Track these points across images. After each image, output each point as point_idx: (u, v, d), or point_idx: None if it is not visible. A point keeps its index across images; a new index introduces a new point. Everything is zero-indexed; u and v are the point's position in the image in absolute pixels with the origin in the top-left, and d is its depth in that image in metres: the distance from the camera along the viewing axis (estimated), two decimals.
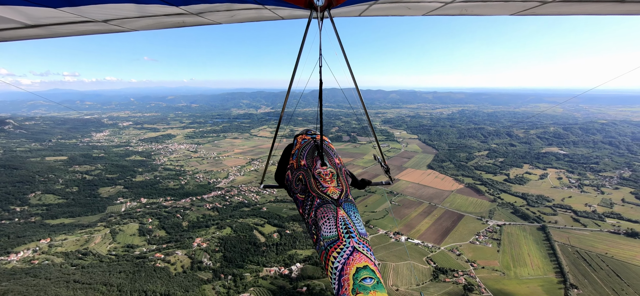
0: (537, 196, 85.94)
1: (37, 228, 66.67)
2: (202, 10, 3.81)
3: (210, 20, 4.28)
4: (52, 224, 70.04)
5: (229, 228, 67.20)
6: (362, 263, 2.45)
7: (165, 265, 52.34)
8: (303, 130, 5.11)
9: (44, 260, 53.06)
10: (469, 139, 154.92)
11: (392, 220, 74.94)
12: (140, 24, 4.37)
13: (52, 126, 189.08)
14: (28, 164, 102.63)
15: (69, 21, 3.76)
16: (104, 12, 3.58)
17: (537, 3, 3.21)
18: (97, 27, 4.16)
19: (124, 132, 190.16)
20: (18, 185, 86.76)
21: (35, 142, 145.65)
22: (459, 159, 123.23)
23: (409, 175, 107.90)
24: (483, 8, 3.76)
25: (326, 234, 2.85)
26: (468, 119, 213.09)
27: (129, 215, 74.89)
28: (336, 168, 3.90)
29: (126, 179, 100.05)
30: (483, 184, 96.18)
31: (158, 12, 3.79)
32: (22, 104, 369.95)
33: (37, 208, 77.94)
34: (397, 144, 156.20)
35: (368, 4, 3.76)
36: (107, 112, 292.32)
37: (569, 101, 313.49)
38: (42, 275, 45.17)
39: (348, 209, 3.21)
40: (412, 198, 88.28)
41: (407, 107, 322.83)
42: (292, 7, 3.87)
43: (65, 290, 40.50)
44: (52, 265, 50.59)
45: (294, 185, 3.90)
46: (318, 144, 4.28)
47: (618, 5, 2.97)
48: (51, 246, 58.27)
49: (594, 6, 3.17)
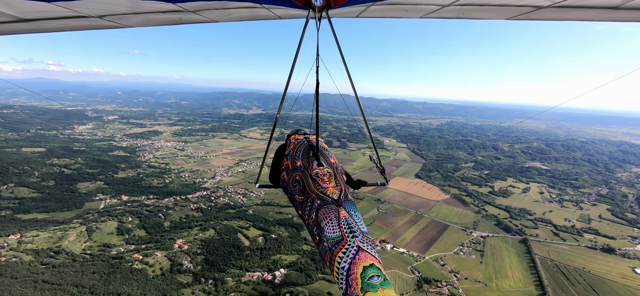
0: (520, 209, 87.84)
1: (6, 222, 63.08)
2: (198, 8, 3.74)
3: (207, 18, 4.20)
4: (23, 219, 66.48)
5: (212, 230, 65.44)
6: (368, 261, 2.45)
7: (143, 267, 50.20)
8: (294, 130, 5.02)
9: (11, 257, 49.94)
10: (456, 151, 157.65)
11: (379, 228, 74.87)
12: (136, 21, 4.26)
13: (31, 116, 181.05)
14: (2, 154, 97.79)
15: (61, 16, 3.67)
16: (98, 8, 3.53)
17: (532, 8, 3.27)
18: (91, 23, 4.05)
19: (109, 126, 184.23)
20: None
21: (12, 132, 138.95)
22: (446, 169, 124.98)
23: (397, 183, 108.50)
24: (479, 12, 3.74)
25: (330, 235, 2.83)
26: (456, 131, 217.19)
27: (108, 213, 72.00)
28: (333, 168, 3.82)
29: (107, 175, 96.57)
30: (468, 196, 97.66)
31: (154, 9, 3.73)
32: (1, 91, 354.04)
33: (8, 201, 73.95)
34: (387, 152, 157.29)
35: (366, 5, 3.77)
36: (92, 105, 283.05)
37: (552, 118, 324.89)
38: (8, 273, 42.42)
39: (349, 209, 3.18)
40: (399, 207, 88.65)
41: (397, 116, 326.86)
42: (290, 6, 3.85)
43: (32, 291, 38.12)
44: (20, 263, 47.66)
45: (291, 187, 3.85)
46: (312, 144, 4.22)
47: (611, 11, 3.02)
48: (20, 243, 55.06)
49: (587, 12, 3.21)
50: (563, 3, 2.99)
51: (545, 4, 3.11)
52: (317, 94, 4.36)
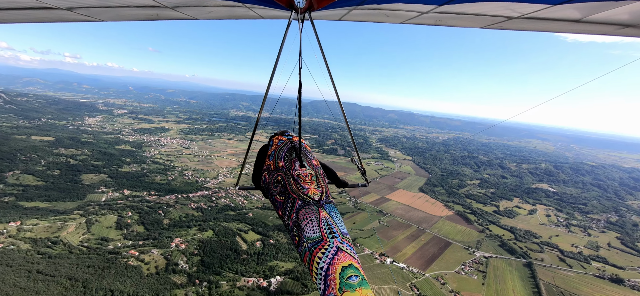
0: (525, 231, 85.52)
1: (8, 209, 63.57)
2: (176, 4, 3.66)
3: (187, 15, 4.12)
4: (25, 206, 66.97)
5: (211, 231, 64.97)
6: (347, 261, 2.45)
7: (138, 264, 49.74)
8: (280, 131, 4.97)
9: (9, 244, 50.04)
10: (462, 167, 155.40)
11: (379, 240, 73.50)
12: (110, 15, 4.16)
13: (44, 105, 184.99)
14: (12, 141, 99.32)
15: (27, 6, 3.50)
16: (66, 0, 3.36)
17: (504, 18, 3.49)
18: (59, 15, 3.87)
19: (118, 120, 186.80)
20: None
21: (23, 120, 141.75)
22: (450, 185, 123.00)
23: (400, 196, 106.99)
24: (456, 20, 3.90)
25: (310, 236, 2.81)
26: (462, 147, 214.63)
27: (109, 206, 72.16)
28: (315, 170, 3.84)
29: (112, 168, 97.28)
30: (473, 213, 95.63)
31: (128, 3, 3.60)
32: (18, 80, 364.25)
33: (13, 187, 74.79)
34: (391, 163, 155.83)
35: (348, 8, 3.84)
36: (103, 98, 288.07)
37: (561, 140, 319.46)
38: (4, 261, 42.36)
39: (329, 210, 3.18)
40: (400, 220, 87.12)
41: (404, 128, 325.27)
42: (273, 6, 3.84)
43: (25, 280, 37.90)
44: (17, 251, 47.69)
45: (272, 187, 3.83)
46: (295, 145, 4.21)
47: (574, 24, 3.25)
48: (20, 230, 55.25)
49: (552, 24, 3.42)
50: (531, 15, 3.20)
51: (515, 15, 3.32)
52: (299, 96, 4.30)
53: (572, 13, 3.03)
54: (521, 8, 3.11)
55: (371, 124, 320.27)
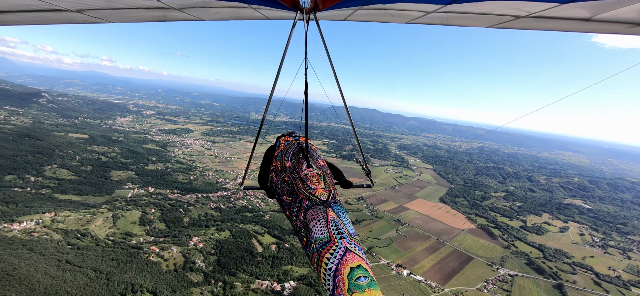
0: (556, 249, 79.91)
1: (45, 200, 68.25)
2: (183, 5, 3.73)
3: (193, 16, 4.18)
4: (60, 199, 71.58)
5: (228, 232, 66.12)
6: (356, 262, 2.44)
7: (158, 260, 51.46)
8: (288, 132, 5.01)
9: (43, 233, 53.66)
10: (486, 178, 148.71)
11: (395, 250, 71.54)
12: (116, 17, 4.22)
13: (81, 104, 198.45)
14: (51, 137, 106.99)
15: (38, 8, 3.58)
16: (76, 1, 3.43)
17: (511, 17, 3.45)
18: (69, 17, 3.97)
19: (146, 120, 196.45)
20: (38, 156, 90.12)
21: (62, 118, 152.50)
22: (473, 196, 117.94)
23: (419, 206, 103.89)
24: (462, 19, 3.85)
25: (318, 236, 2.81)
26: (487, 157, 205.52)
27: (134, 202, 75.54)
28: (322, 170, 3.82)
29: (138, 166, 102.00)
30: (497, 228, 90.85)
31: (135, 5, 3.67)
32: (60, 81, 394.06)
33: (50, 180, 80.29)
34: (411, 171, 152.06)
35: (353, 8, 3.86)
36: (134, 99, 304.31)
37: (597, 153, 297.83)
38: (38, 249, 45.40)
39: (337, 211, 3.15)
40: (419, 230, 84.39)
41: (425, 135, 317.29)
42: (278, 7, 3.85)
43: (55, 269, 40.29)
44: (49, 241, 50.95)
45: (279, 187, 3.84)
46: (302, 146, 4.22)
47: (583, 23, 3.16)
48: (54, 221, 59.12)
49: (561, 23, 3.33)
50: (538, 14, 3.14)
51: (523, 14, 3.27)
52: (306, 96, 4.34)
53: (581, 12, 2.97)
54: (528, 7, 3.07)
55: (391, 131, 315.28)
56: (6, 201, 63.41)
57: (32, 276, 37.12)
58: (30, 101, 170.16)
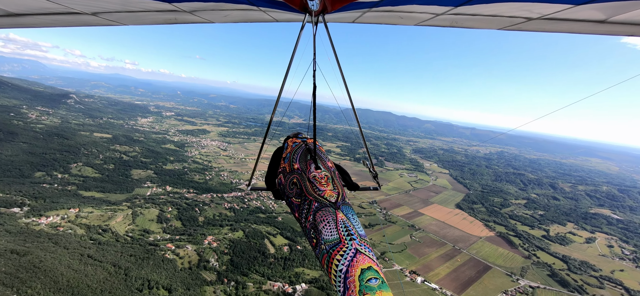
0: (581, 261, 75.67)
1: (70, 196, 71.67)
2: (194, 9, 3.79)
3: (202, 18, 4.24)
4: (84, 195, 74.98)
5: (241, 232, 66.95)
6: (366, 264, 2.45)
7: (174, 258, 52.80)
8: (293, 133, 4.97)
9: (68, 228, 56.32)
10: (505, 184, 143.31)
11: (409, 257, 70.03)
12: (129, 19, 4.32)
13: (106, 105, 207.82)
14: (78, 136, 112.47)
15: (54, 11, 3.68)
16: (92, 5, 3.54)
17: (523, 19, 3.39)
18: (84, 20, 4.09)
19: (166, 121, 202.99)
20: (65, 154, 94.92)
21: (88, 118, 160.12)
22: (492, 203, 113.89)
23: (435, 211, 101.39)
24: (472, 22, 3.81)
25: (327, 238, 2.81)
26: (507, 162, 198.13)
27: (152, 200, 77.95)
28: (330, 171, 3.82)
29: (157, 166, 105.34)
30: (517, 236, 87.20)
31: (148, 8, 3.75)
32: (87, 83, 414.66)
33: (75, 177, 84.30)
34: (426, 176, 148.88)
35: (361, 11, 3.87)
36: (155, 101, 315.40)
37: (627, 160, 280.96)
38: (63, 243, 47.67)
39: (346, 212, 3.13)
40: (434, 237, 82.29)
41: (441, 139, 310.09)
42: (287, 10, 3.89)
43: (77, 263, 42.14)
44: (73, 235, 53.41)
45: (288, 189, 3.82)
46: (310, 147, 4.22)
47: (597, 25, 3.10)
48: (78, 216, 61.95)
49: (574, 25, 3.28)
50: (551, 16, 3.07)
51: (534, 16, 3.22)
52: (314, 98, 4.35)
53: (595, 14, 2.91)
54: (541, 8, 3.01)
55: (406, 134, 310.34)
56: (35, 196, 67.05)
57: (56, 269, 38.97)
58: (59, 102, 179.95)
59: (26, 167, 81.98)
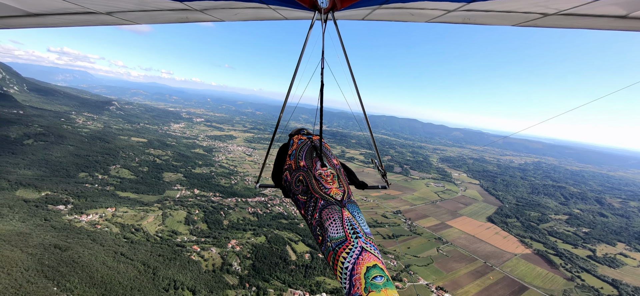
0: (635, 287, 67.62)
1: (108, 196, 76.78)
2: (205, 7, 3.84)
3: (213, 17, 4.28)
4: (120, 195, 79.99)
5: (263, 237, 67.59)
6: (372, 262, 2.50)
7: (199, 259, 54.33)
8: (297, 129, 5.06)
9: (105, 226, 60.16)
10: (543, 198, 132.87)
11: (436, 271, 66.61)
12: (143, 18, 4.42)
13: (143, 111, 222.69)
14: (117, 140, 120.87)
15: (71, 11, 3.78)
16: (107, 4, 3.64)
17: (539, 15, 3.30)
18: (99, 19, 4.20)
19: (196, 127, 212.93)
20: (105, 156, 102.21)
21: (127, 124, 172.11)
22: (528, 218, 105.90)
23: (464, 224, 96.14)
24: (485, 18, 3.75)
25: (333, 236, 2.85)
26: (545, 174, 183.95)
27: (181, 202, 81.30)
28: (336, 169, 3.82)
29: (187, 169, 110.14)
30: (558, 256, 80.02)
31: (161, 7, 3.83)
32: (127, 91, 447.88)
33: (114, 179, 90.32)
34: (454, 186, 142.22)
35: (371, 8, 3.86)
36: (186, 108, 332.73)
37: None
38: (99, 240, 50.92)
39: (352, 210, 3.18)
40: (463, 251, 77.77)
41: (470, 147, 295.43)
42: (296, 7, 3.91)
43: (111, 260, 44.70)
44: (109, 233, 56.92)
45: (294, 186, 3.87)
46: (315, 144, 4.24)
47: (618, 20, 2.99)
48: (114, 216, 66.05)
49: (594, 21, 3.16)
50: (569, 11, 2.98)
51: (551, 11, 3.13)
52: (321, 95, 4.33)
53: (615, 9, 2.79)
54: (557, 4, 2.89)
55: (432, 142, 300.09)
56: (78, 195, 72.56)
57: (92, 265, 41.58)
58: (103, 109, 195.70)
59: (72, 168, 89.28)
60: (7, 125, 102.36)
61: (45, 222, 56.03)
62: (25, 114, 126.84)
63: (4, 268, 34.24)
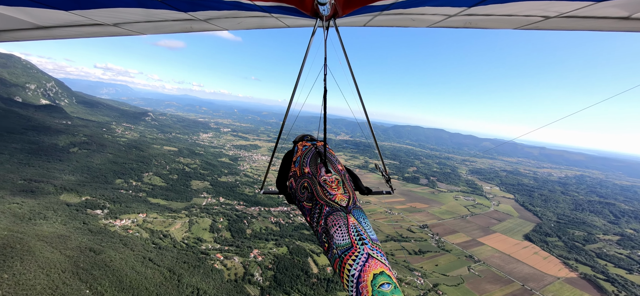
0: None
1: (141, 202, 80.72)
2: (209, 17, 3.94)
3: (218, 26, 4.39)
4: (151, 202, 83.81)
5: (285, 248, 67.17)
6: (378, 269, 2.48)
7: (221, 268, 54.88)
8: (300, 136, 5.10)
9: (136, 231, 62.99)
10: (589, 215, 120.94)
11: (467, 292, 62.11)
12: (148, 29, 4.50)
13: (175, 122, 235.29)
14: (151, 149, 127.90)
15: (79, 24, 3.92)
16: (113, 16, 3.73)
17: (540, 18, 3.32)
18: (106, 30, 4.32)
19: (223, 136, 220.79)
20: (139, 164, 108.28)
21: (160, 133, 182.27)
22: (571, 237, 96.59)
23: (497, 242, 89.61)
24: (486, 22, 3.76)
25: (339, 242, 2.83)
26: (590, 189, 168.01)
27: (207, 210, 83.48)
28: (340, 175, 3.78)
29: (213, 178, 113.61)
30: (609, 281, 71.68)
31: (166, 18, 3.89)
32: (161, 102, 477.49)
33: (146, 185, 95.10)
34: (486, 200, 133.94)
35: (372, 14, 3.90)
36: (214, 118, 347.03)
37: None
38: (130, 244, 53.26)
39: (358, 216, 3.14)
40: (498, 272, 72.13)
41: (503, 159, 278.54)
42: (299, 15, 3.98)
43: (139, 265, 46.39)
44: (139, 239, 59.43)
45: (299, 193, 3.83)
46: (320, 150, 4.22)
47: (621, 22, 2.98)
48: (144, 221, 69.14)
49: (596, 22, 3.13)
50: (570, 14, 3.01)
51: (552, 14, 3.14)
52: (324, 101, 4.37)
53: (617, 11, 2.81)
54: (558, 7, 2.92)
55: (461, 153, 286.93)
56: (114, 200, 77.02)
57: (122, 269, 43.37)
58: (139, 119, 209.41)
59: (110, 174, 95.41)
60: (56, 134, 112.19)
61: (84, 225, 59.78)
62: (73, 125, 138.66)
63: (44, 270, 36.68)
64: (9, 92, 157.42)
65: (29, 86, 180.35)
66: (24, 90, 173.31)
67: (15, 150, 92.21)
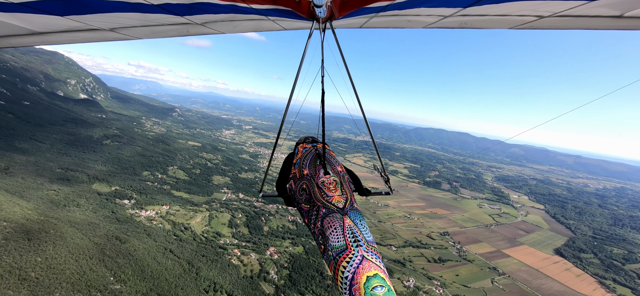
0: None
1: (165, 194, 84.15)
2: (206, 21, 3.98)
3: (214, 30, 4.45)
4: (175, 194, 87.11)
5: (301, 247, 67.26)
6: (372, 271, 2.47)
7: (238, 264, 55.85)
8: (302, 137, 5.11)
9: (159, 222, 65.65)
10: (630, 231, 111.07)
11: None
12: (144, 33, 4.52)
13: (199, 118, 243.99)
14: (176, 143, 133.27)
15: (75, 29, 3.96)
16: (110, 21, 3.77)
17: (534, 18, 3.39)
18: (102, 35, 4.34)
19: (245, 133, 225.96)
20: (165, 157, 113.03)
21: (186, 129, 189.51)
22: (609, 254, 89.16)
23: (524, 255, 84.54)
24: (481, 22, 3.83)
25: (334, 244, 2.83)
26: (631, 203, 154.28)
27: (227, 205, 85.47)
28: (339, 176, 3.80)
29: (234, 174, 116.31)
30: None
31: (162, 22, 3.92)
32: (188, 99, 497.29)
33: (170, 179, 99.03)
34: (513, 209, 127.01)
35: (369, 16, 3.99)
36: (237, 116, 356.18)
37: None
38: (153, 235, 55.52)
39: (354, 218, 3.16)
40: (525, 287, 67.97)
41: (532, 167, 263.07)
42: (295, 18, 4.04)
43: (161, 256, 48.20)
44: (162, 230, 61.87)
45: (298, 195, 3.84)
46: (319, 152, 4.23)
47: (614, 20, 3.04)
48: (168, 213, 71.92)
49: (589, 21, 3.20)
50: (564, 13, 3.07)
51: (546, 14, 3.21)
52: (322, 103, 4.39)
53: (609, 10, 2.87)
54: (551, 7, 2.99)
55: (486, 159, 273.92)
56: (140, 191, 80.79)
57: (144, 259, 45.25)
58: (167, 115, 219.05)
59: (138, 166, 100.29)
60: (92, 127, 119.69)
61: (112, 214, 63.17)
62: (107, 118, 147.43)
63: (74, 255, 39.01)
64: (53, 86, 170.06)
65: (70, 81, 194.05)
66: (66, 85, 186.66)
67: (55, 140, 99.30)
